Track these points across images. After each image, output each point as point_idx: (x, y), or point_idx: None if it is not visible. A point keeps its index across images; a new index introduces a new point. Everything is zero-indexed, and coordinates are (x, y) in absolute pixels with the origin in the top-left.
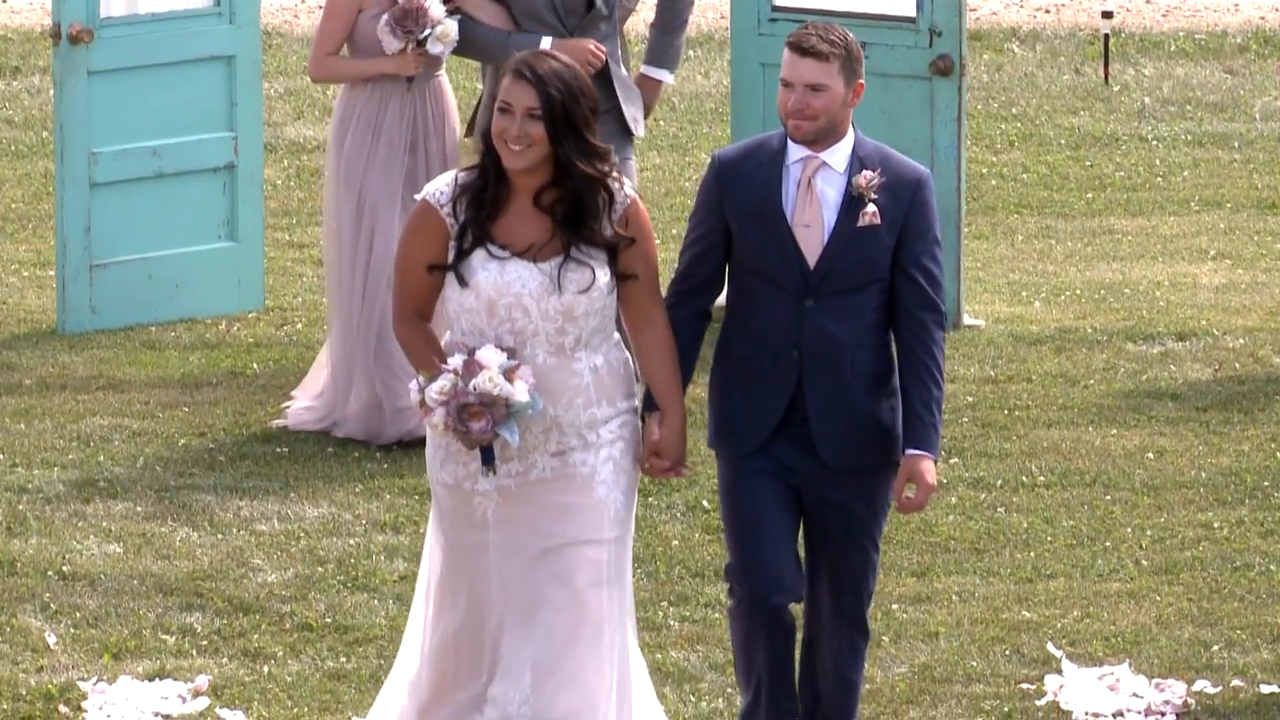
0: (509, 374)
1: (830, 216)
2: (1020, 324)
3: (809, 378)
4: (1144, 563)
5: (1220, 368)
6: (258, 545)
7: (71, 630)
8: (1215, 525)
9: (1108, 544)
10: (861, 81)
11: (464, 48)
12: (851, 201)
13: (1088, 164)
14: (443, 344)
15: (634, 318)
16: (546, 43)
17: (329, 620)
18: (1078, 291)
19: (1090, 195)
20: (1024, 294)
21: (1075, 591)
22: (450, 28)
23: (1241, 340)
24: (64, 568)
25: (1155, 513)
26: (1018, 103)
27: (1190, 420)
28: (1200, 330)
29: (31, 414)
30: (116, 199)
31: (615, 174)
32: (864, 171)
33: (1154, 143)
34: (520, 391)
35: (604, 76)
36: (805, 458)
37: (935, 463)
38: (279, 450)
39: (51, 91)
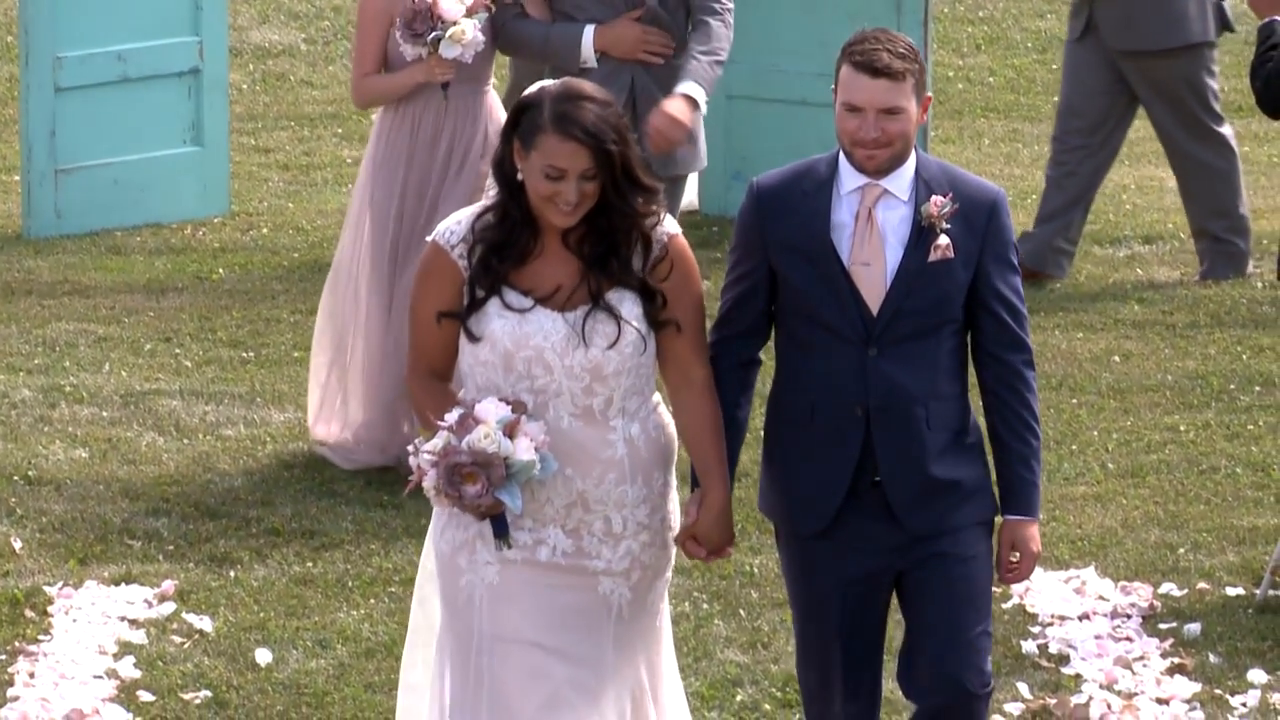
0: (510, 428)
1: (894, 252)
2: None
3: (878, 437)
4: (1110, 466)
5: (1186, 271)
6: (224, 450)
7: (37, 535)
8: (1181, 428)
9: (1074, 447)
10: (929, 95)
11: (503, 43)
12: (920, 233)
13: (1054, 67)
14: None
15: (673, 376)
16: (589, 32)
17: (295, 525)
18: None
19: (1057, 99)
20: None
21: (1041, 495)
22: (466, 28)
23: None
24: (30, 473)
25: (1121, 416)
26: (984, 6)
27: (1156, 324)
28: (1166, 234)
29: None
30: (81, 104)
31: (656, 209)
32: (934, 198)
33: None
34: (523, 449)
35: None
36: (885, 527)
37: (1038, 526)
38: (245, 355)
39: None
